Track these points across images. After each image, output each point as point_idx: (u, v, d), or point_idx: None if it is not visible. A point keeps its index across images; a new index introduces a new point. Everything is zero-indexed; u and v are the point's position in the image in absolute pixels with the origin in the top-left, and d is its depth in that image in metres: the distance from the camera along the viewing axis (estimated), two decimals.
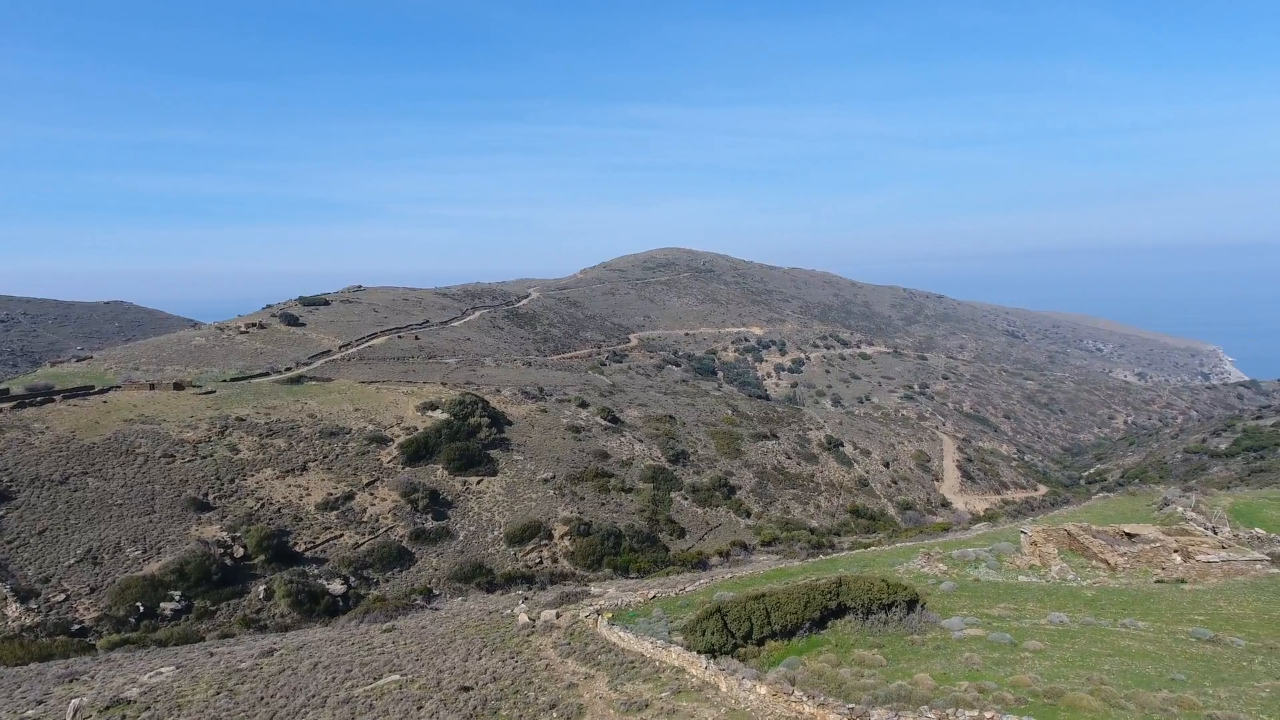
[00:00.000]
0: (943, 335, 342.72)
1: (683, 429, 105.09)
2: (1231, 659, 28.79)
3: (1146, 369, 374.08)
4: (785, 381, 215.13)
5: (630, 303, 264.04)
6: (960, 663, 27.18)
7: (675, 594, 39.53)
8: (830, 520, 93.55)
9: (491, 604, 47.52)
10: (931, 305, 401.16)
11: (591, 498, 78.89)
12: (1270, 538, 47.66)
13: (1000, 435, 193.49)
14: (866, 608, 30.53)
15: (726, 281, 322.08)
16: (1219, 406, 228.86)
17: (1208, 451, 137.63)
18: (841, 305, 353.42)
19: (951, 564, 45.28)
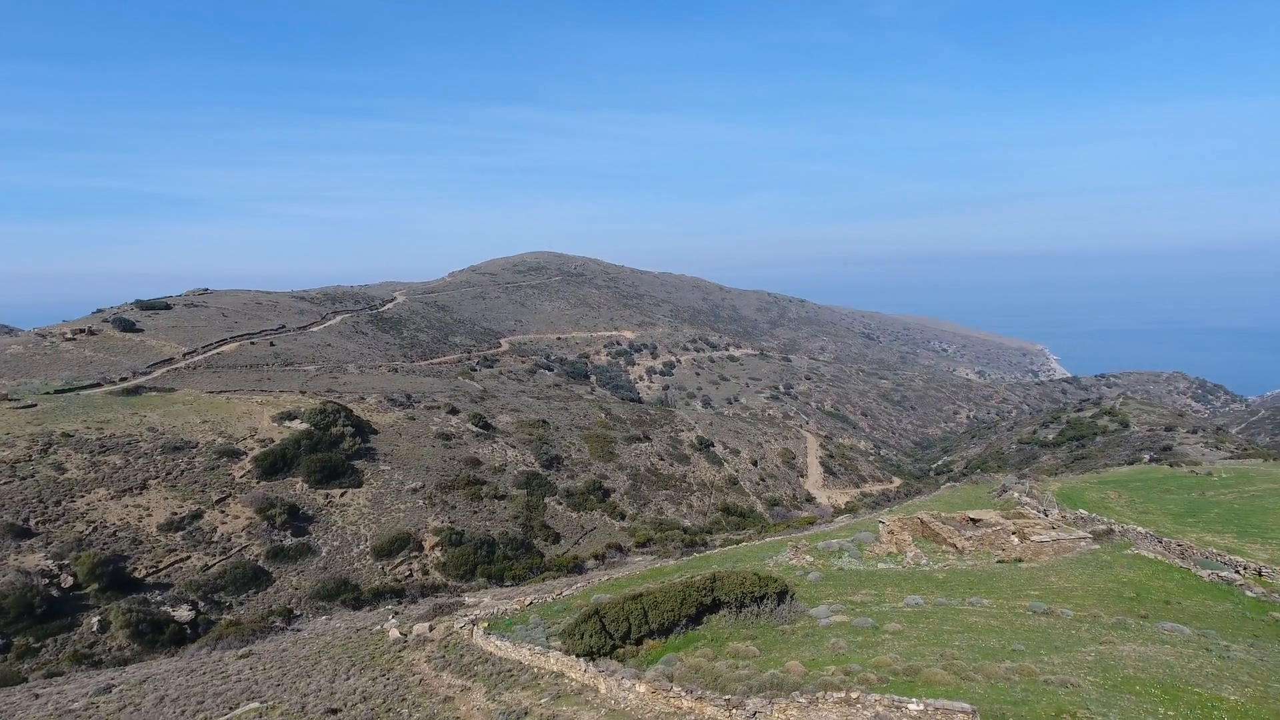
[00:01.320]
0: (805, 338, 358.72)
1: (556, 433, 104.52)
2: (1062, 628, 31.62)
3: (985, 367, 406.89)
4: (657, 384, 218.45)
5: (501, 307, 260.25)
6: (828, 648, 28.39)
7: (552, 599, 39.15)
8: (702, 519, 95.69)
9: (359, 621, 45.36)
10: (795, 309, 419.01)
11: (463, 506, 76.98)
12: (1092, 517, 52.74)
13: (859, 432, 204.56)
14: (740, 601, 31.34)
15: (598, 285, 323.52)
16: (1046, 400, 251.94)
17: (1038, 442, 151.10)
18: (710, 309, 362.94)
19: (817, 555, 47.27)
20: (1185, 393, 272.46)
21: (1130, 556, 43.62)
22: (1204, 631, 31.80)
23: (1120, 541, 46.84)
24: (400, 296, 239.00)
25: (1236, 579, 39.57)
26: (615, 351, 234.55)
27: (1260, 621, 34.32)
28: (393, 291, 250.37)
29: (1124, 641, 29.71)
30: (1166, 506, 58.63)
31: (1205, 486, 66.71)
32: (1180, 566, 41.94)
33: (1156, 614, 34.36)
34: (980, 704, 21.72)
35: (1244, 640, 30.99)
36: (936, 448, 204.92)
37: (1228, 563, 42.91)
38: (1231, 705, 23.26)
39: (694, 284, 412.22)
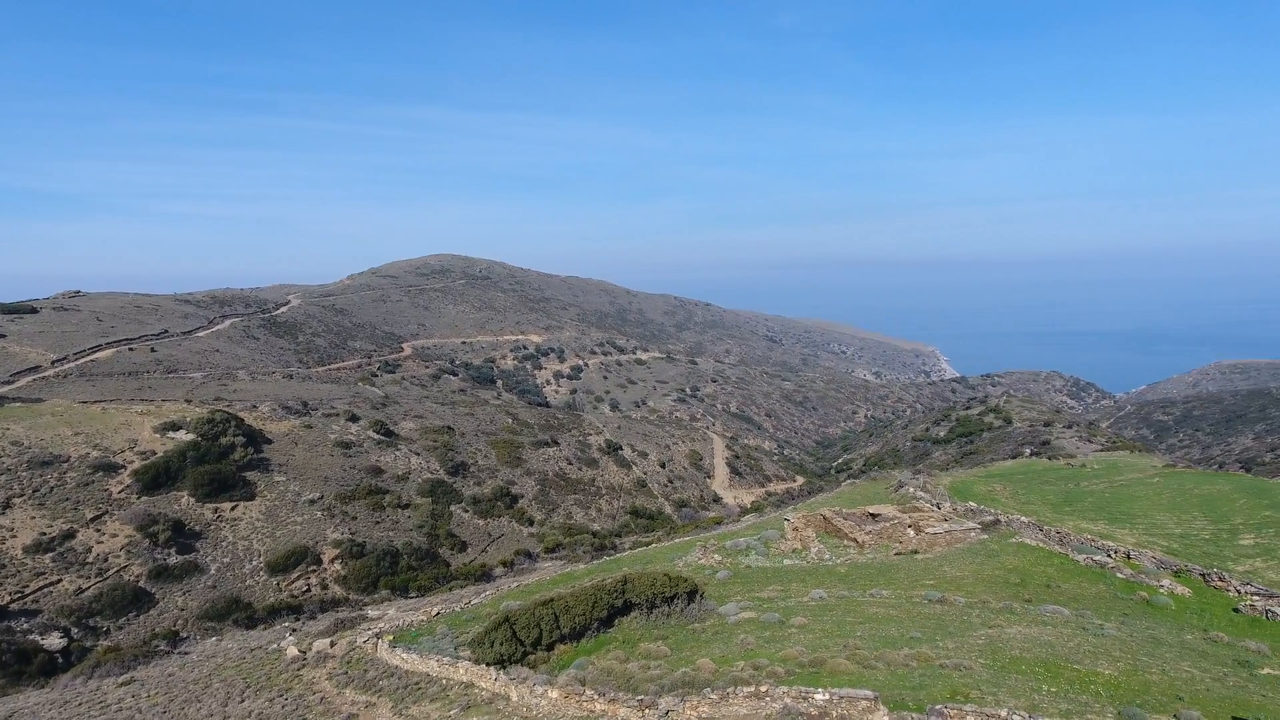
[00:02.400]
0: (711, 341, 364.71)
1: (462, 440, 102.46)
2: (956, 615, 33.21)
3: (882, 368, 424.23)
4: (565, 388, 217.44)
5: (403, 310, 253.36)
6: (737, 644, 28.86)
7: (460, 609, 38.30)
8: (612, 522, 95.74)
9: (254, 640, 43.09)
10: (701, 313, 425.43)
11: (365, 516, 74.40)
12: (980, 509, 55.69)
13: (763, 432, 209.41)
14: (651, 602, 31.48)
15: (504, 289, 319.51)
16: (938, 400, 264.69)
17: (930, 439, 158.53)
18: (618, 313, 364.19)
19: (725, 554, 48.04)
20: (1061, 390, 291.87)
21: (1015, 545, 46.27)
22: (1081, 612, 34.03)
23: (1006, 531, 49.62)
24: (295, 300, 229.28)
25: (1109, 562, 42.56)
26: (522, 355, 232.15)
27: (1129, 601, 37.03)
28: (287, 294, 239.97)
29: (1011, 624, 31.46)
30: (1046, 497, 62.60)
31: (1080, 477, 71.58)
32: (1059, 552, 44.78)
33: (1039, 597, 36.54)
34: (882, 690, 22.54)
35: (1116, 619, 33.35)
36: (837, 446, 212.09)
37: (1101, 547, 46.13)
38: (1106, 679, 24.97)
39: (601, 287, 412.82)
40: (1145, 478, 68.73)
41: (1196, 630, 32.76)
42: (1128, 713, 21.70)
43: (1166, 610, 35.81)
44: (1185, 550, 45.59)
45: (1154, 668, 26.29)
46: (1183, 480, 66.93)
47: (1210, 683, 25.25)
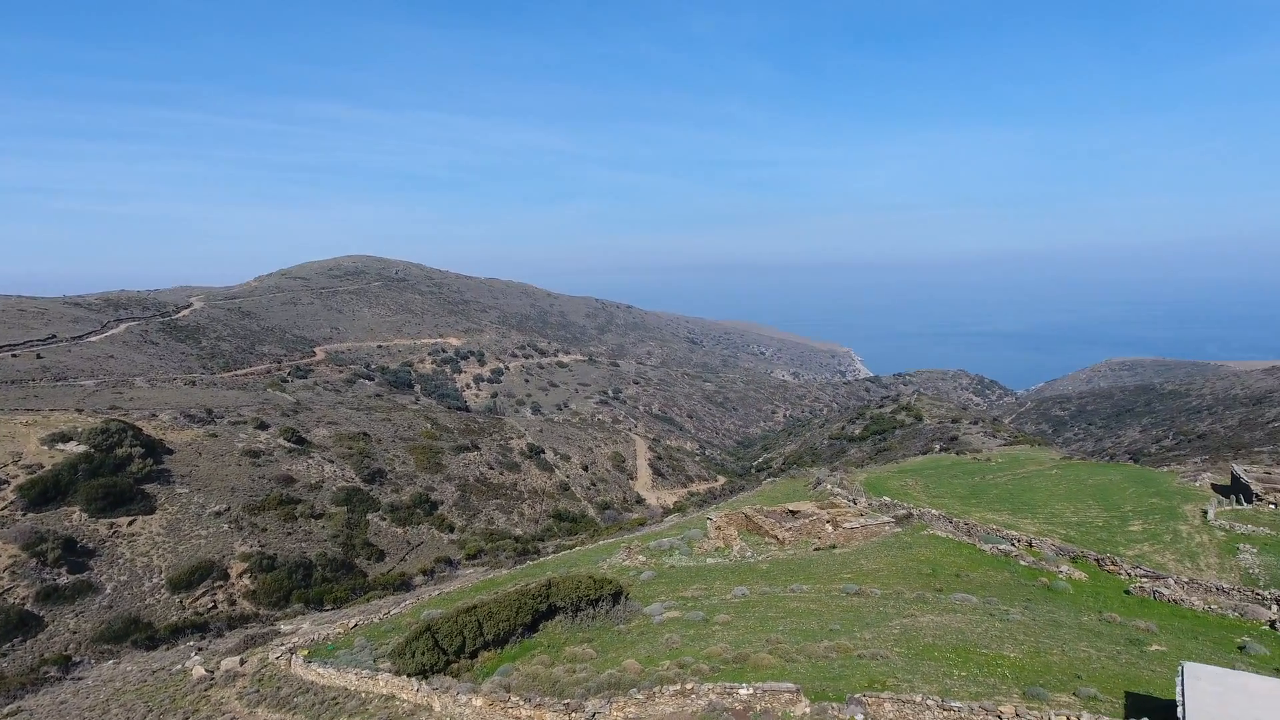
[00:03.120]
0: (633, 343, 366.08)
1: (378, 446, 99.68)
2: (872, 606, 34.25)
3: (800, 369, 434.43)
4: (485, 392, 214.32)
5: (315, 313, 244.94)
6: (662, 644, 28.99)
7: (379, 620, 37.21)
8: (534, 527, 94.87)
9: (155, 662, 40.79)
10: (622, 315, 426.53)
11: (275, 528, 71.47)
12: (894, 503, 57.63)
13: (685, 433, 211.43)
14: (576, 605, 31.31)
15: (421, 291, 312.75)
16: (853, 399, 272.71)
17: (846, 437, 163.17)
18: (539, 315, 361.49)
19: (650, 554, 48.23)
20: (967, 388, 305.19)
21: (927, 537, 48.08)
22: (988, 599, 35.61)
23: (918, 524, 51.50)
24: (198, 302, 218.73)
25: (1013, 551, 44.71)
26: (441, 359, 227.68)
27: (1032, 587, 39.00)
28: (189, 297, 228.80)
29: (924, 613, 32.66)
30: (955, 490, 65.26)
31: (985, 471, 74.92)
32: (967, 543, 46.78)
33: (950, 586, 38.08)
34: (803, 682, 23.04)
35: (1020, 604, 35.04)
36: (757, 446, 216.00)
37: (1005, 537, 48.41)
38: (1011, 661, 26.19)
39: (522, 290, 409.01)
40: (1044, 470, 72.47)
41: (1092, 612, 34.73)
42: (1031, 692, 22.81)
43: (1065, 594, 37.87)
44: (1081, 537, 48.30)
45: (1055, 649, 27.72)
46: (1078, 471, 70.90)
47: (1105, 661, 26.79)
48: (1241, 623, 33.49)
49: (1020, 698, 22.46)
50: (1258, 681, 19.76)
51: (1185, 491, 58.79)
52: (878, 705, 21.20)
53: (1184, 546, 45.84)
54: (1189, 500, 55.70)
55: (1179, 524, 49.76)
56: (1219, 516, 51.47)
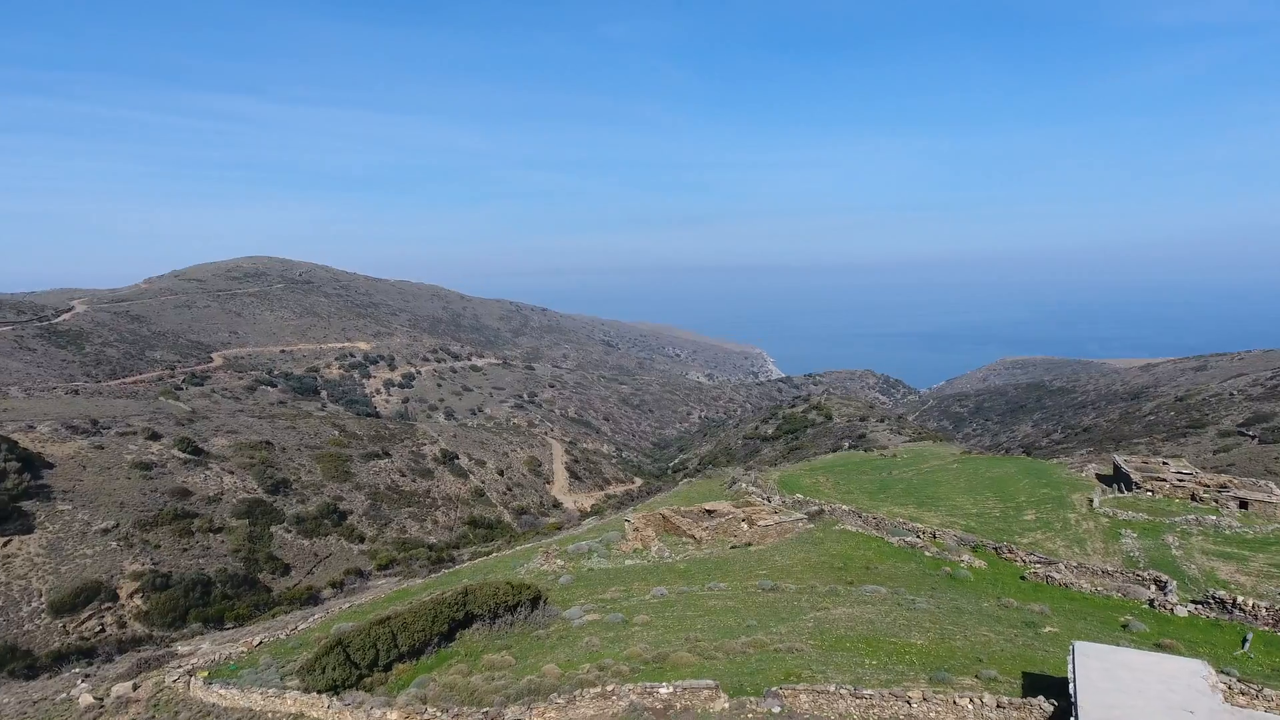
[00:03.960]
0: (548, 346, 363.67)
1: (283, 455, 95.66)
2: (787, 601, 35.01)
3: (714, 370, 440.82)
4: (396, 397, 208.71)
5: (212, 317, 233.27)
6: (582, 647, 28.84)
7: (286, 636, 35.66)
8: (449, 534, 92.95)
9: (36, 691, 37.86)
10: (537, 318, 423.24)
11: (170, 544, 67.61)
12: (807, 500, 59.13)
13: (602, 436, 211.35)
14: (493, 612, 30.80)
15: (328, 294, 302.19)
16: (766, 399, 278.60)
17: (760, 436, 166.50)
18: (452, 318, 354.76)
19: (568, 558, 47.95)
20: (874, 387, 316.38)
21: (838, 532, 49.53)
22: (896, 590, 36.95)
23: (830, 519, 53.00)
24: (80, 306, 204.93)
25: (918, 542, 46.51)
26: (349, 364, 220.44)
27: (936, 576, 40.67)
28: (70, 300, 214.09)
29: (836, 606, 33.61)
30: (864, 486, 67.46)
31: (891, 466, 77.75)
32: (876, 536, 48.41)
33: (860, 579, 39.31)
34: (722, 678, 23.33)
35: (925, 593, 36.49)
36: (673, 447, 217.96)
37: (911, 529, 50.34)
38: (918, 649, 27.23)
39: (434, 292, 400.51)
40: (946, 464, 75.77)
41: (992, 598, 36.49)
42: (937, 676, 23.77)
43: (967, 582, 39.65)
44: (981, 527, 50.71)
45: (958, 635, 28.98)
46: (976, 465, 74.46)
47: (1004, 644, 28.18)
48: (1125, 602, 35.82)
49: (927, 683, 23.36)
50: (1139, 656, 21.16)
51: (1073, 482, 62.56)
52: (794, 697, 21.65)
53: (1073, 533, 48.72)
54: (1076, 490, 59.29)
55: (1068, 512, 52.89)
56: (1103, 504, 54.99)
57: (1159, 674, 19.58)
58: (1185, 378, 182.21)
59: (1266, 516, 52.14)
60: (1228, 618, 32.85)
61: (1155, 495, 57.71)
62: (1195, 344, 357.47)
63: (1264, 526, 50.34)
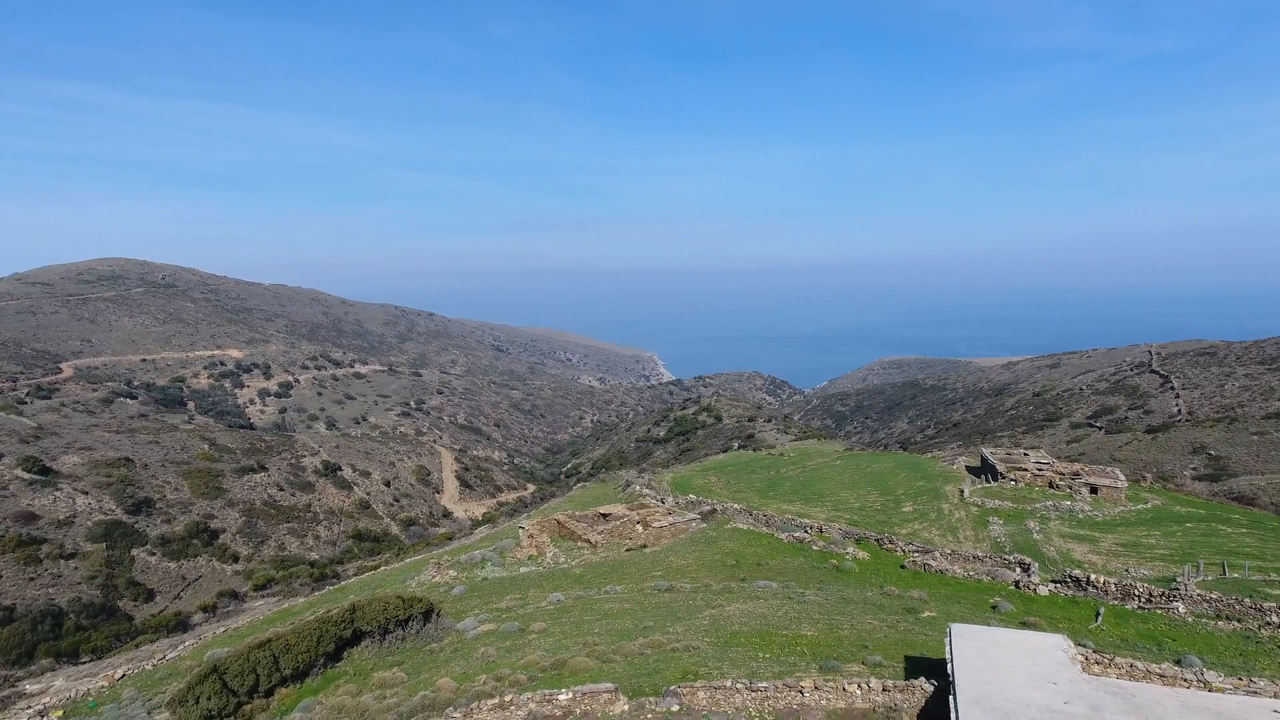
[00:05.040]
0: (435, 351, 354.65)
1: (145, 472, 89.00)
2: (683, 600, 35.43)
3: (606, 374, 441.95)
4: (272, 407, 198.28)
5: (61, 324, 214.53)
6: (478, 658, 28.17)
7: (153, 666, 33.11)
8: (333, 549, 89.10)
9: None
10: (424, 323, 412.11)
11: (13, 573, 61.65)
12: (700, 500, 60.12)
13: (493, 443, 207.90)
14: (384, 628, 29.65)
15: (195, 299, 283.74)
16: (658, 402, 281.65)
17: (652, 439, 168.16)
18: (332, 324, 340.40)
19: (461, 569, 46.83)
20: (761, 388, 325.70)
21: (730, 530, 50.60)
22: (787, 584, 38.06)
23: (722, 518, 54.08)
24: None
25: (806, 537, 48.12)
26: (219, 373, 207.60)
27: (824, 569, 42.18)
28: None
29: (730, 603, 34.27)
30: (753, 484, 69.25)
31: (779, 465, 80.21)
32: (766, 533, 49.76)
33: (752, 575, 40.28)
34: (620, 681, 23.31)
35: (814, 586, 37.76)
36: (566, 452, 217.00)
37: (799, 525, 52.03)
38: (809, 640, 28.12)
39: (313, 296, 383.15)
40: (830, 461, 78.87)
41: (875, 587, 38.17)
42: (827, 665, 24.62)
43: (852, 573, 41.32)
44: (863, 520, 53.04)
45: (845, 624, 30.14)
46: (858, 461, 77.88)
47: (888, 630, 29.51)
48: (994, 585, 38.28)
49: (818, 671, 24.14)
50: (1008, 635, 22.63)
51: (945, 474, 66.41)
52: (692, 695, 21.90)
53: (946, 522, 51.70)
54: (949, 481, 62.97)
55: (942, 503, 56.09)
56: (973, 494, 58.68)
57: (1025, 649, 20.98)
58: (1041, 375, 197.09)
59: (1113, 500, 57.05)
60: (1083, 594, 35.65)
61: (1018, 484, 62.08)
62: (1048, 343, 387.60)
63: (1111, 510, 55.08)
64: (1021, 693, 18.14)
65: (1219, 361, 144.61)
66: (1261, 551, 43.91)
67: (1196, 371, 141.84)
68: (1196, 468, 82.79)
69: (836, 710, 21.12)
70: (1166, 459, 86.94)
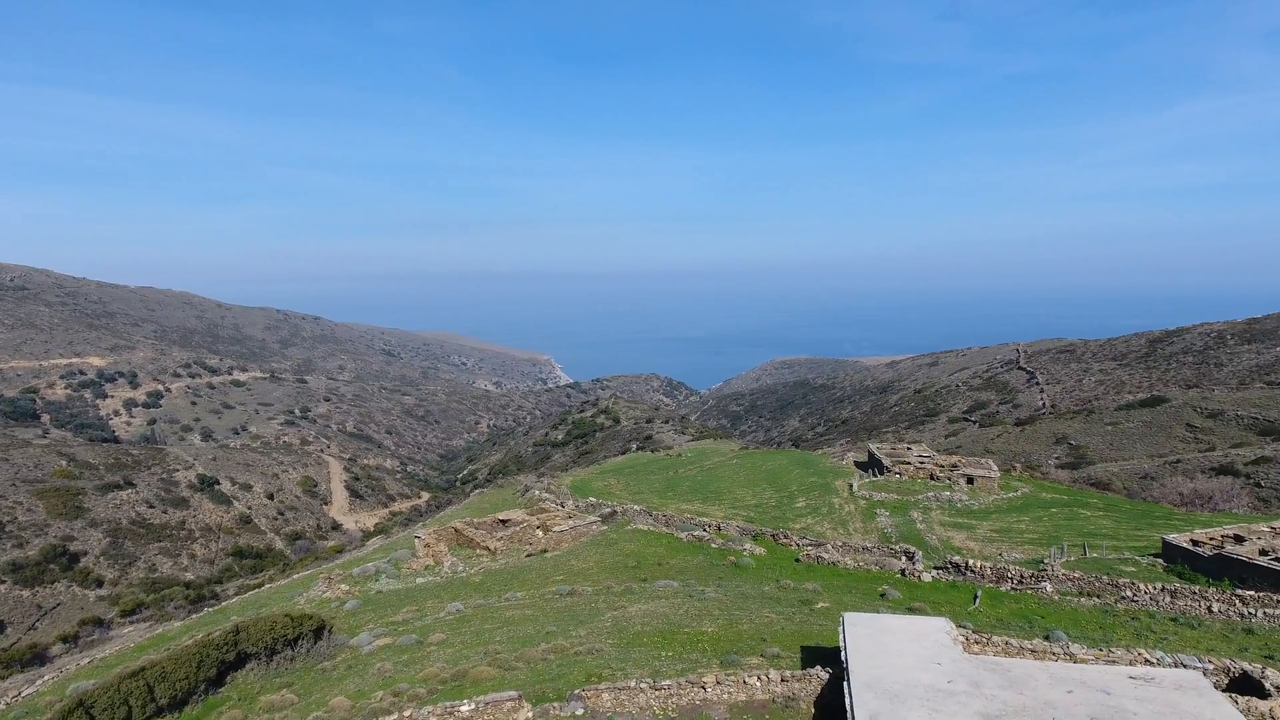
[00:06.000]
0: (322, 357, 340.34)
1: None
2: (585, 604, 35.34)
3: (502, 378, 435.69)
4: (140, 419, 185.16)
5: None
6: (374, 674, 27.19)
7: (6, 705, 30.25)
8: (211, 568, 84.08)
9: None
10: (309, 327, 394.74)
11: None
12: (600, 503, 60.14)
13: (384, 451, 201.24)
14: (271, 649, 28.17)
15: (49, 302, 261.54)
16: (555, 405, 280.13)
17: (551, 442, 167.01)
18: (208, 329, 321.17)
19: (354, 582, 45.10)
20: (659, 390, 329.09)
21: (631, 531, 50.86)
22: (687, 582, 38.58)
23: (623, 520, 54.30)
24: None
25: (705, 536, 48.95)
26: (78, 383, 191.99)
27: (723, 566, 43.01)
28: None
29: (632, 604, 34.44)
30: (653, 485, 69.91)
31: (677, 465, 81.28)
32: (666, 533, 50.30)
33: (653, 575, 40.61)
34: (524, 688, 23.04)
35: (713, 583, 38.44)
36: (462, 458, 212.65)
37: (698, 524, 52.87)
38: (710, 636, 28.60)
39: (185, 300, 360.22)
40: (727, 460, 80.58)
41: (771, 581, 39.22)
42: (728, 660, 25.12)
43: (750, 569, 42.32)
44: (759, 517, 54.44)
45: (745, 619, 30.82)
46: (754, 459, 79.90)
47: (784, 622, 30.39)
48: (882, 574, 40.06)
49: (719, 666, 24.60)
50: (896, 620, 23.77)
51: (836, 470, 69.05)
52: (596, 697, 21.87)
53: (837, 516, 53.75)
54: (839, 476, 65.50)
55: (832, 497, 58.28)
56: (861, 488, 61.24)
57: (912, 634, 22.09)
58: (922, 372, 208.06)
59: (987, 490, 60.83)
60: (962, 579, 37.83)
61: (902, 477, 65.26)
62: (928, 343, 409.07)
63: (986, 498, 58.71)
64: (910, 674, 19.08)
65: (1077, 358, 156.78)
66: (1116, 532, 47.85)
67: (1058, 368, 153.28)
68: (1059, 456, 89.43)
69: (737, 703, 21.57)
70: (1034, 449, 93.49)
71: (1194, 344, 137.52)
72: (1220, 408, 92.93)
